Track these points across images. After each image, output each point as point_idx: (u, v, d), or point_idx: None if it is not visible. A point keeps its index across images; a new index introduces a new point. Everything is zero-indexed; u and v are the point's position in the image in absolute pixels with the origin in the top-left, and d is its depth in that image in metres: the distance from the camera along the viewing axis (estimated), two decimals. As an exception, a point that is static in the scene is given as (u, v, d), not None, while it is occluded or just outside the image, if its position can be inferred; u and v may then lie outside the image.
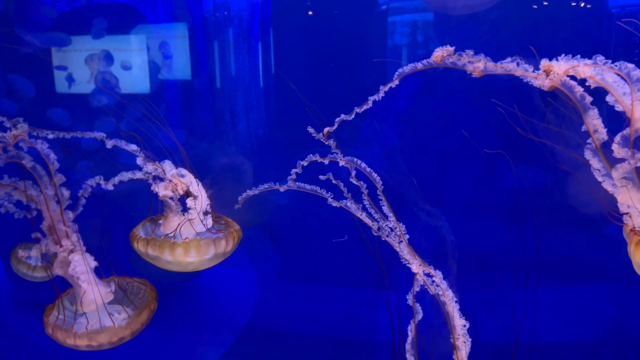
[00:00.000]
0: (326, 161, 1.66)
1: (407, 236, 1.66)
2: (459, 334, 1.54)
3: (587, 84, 1.28)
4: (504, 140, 2.18)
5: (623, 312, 2.38)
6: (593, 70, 1.24)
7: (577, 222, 2.25)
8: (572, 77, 1.31)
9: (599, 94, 1.35)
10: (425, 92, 2.21)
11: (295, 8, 2.32)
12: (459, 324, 1.54)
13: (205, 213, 1.94)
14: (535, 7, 1.95)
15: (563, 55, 1.26)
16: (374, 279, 2.50)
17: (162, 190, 1.85)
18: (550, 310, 2.24)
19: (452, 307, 1.57)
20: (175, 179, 1.88)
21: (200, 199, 1.90)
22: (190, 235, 1.86)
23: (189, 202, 1.86)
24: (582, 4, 2.02)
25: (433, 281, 1.61)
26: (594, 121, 1.32)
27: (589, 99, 1.33)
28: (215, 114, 2.51)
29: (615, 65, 1.23)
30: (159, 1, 2.48)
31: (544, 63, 1.26)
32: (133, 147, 1.89)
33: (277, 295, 2.68)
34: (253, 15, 2.38)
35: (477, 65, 1.31)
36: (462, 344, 1.56)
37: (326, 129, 1.56)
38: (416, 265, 1.61)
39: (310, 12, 2.27)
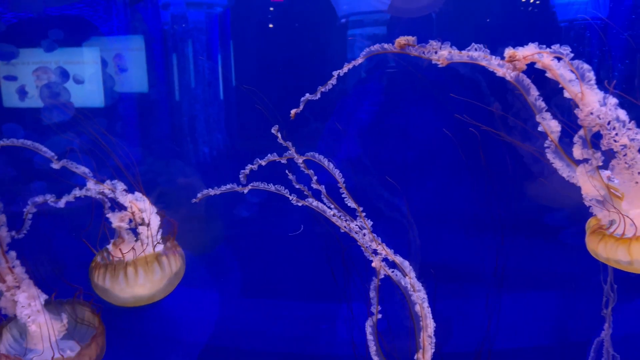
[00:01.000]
0: (284, 160, 1.66)
1: (371, 222, 1.65)
2: (429, 334, 1.55)
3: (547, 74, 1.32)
4: (466, 149, 2.23)
5: (576, 317, 2.45)
6: (554, 63, 1.28)
7: (538, 230, 2.32)
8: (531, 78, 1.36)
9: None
10: (386, 103, 2.25)
11: (256, 21, 2.32)
12: (430, 324, 1.55)
13: (157, 238, 1.91)
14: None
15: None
16: (337, 292, 2.50)
17: (116, 221, 1.82)
18: (511, 317, 2.28)
19: (421, 302, 1.58)
20: (131, 207, 1.85)
21: (153, 225, 1.89)
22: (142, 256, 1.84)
23: (141, 229, 1.84)
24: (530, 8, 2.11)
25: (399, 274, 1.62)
26: (549, 122, 1.38)
27: (542, 103, 1.38)
28: (174, 127, 2.47)
29: (573, 62, 1.28)
30: (114, 13, 2.42)
31: (509, 51, 1.30)
32: (83, 170, 1.83)
33: (239, 312, 2.63)
34: (212, 27, 2.36)
35: (442, 53, 1.34)
36: (429, 346, 1.57)
37: (293, 111, 1.56)
38: (377, 260, 1.61)
39: (270, 25, 2.27)
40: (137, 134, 2.53)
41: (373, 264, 1.63)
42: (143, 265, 1.76)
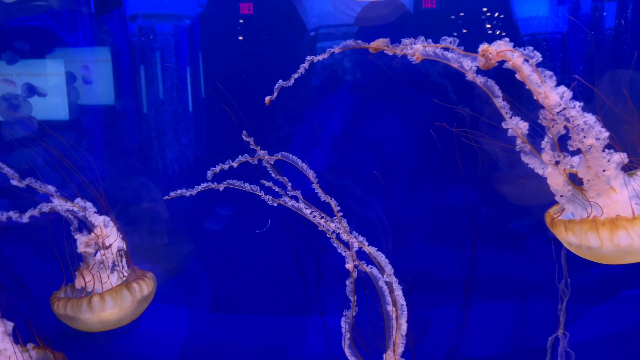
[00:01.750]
0: (254, 160, 1.66)
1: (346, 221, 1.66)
2: (401, 333, 1.57)
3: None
4: (435, 157, 2.27)
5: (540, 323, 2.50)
6: (525, 65, 1.36)
7: (505, 237, 2.37)
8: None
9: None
10: (357, 115, 2.27)
11: (225, 33, 2.32)
12: (404, 323, 1.58)
13: (122, 261, 1.88)
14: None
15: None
16: (306, 304, 2.49)
17: (82, 247, 1.79)
18: (477, 325, 2.31)
19: (397, 301, 1.60)
20: (98, 231, 1.82)
21: (119, 247, 1.86)
22: (106, 286, 1.81)
23: (107, 252, 1.81)
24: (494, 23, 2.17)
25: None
26: (519, 124, 1.45)
27: (508, 108, 1.45)
28: (141, 140, 2.43)
29: (541, 70, 1.37)
30: (79, 25, 2.38)
31: (483, 46, 1.37)
32: (50, 188, 1.80)
33: (208, 328, 2.59)
34: (181, 39, 2.35)
35: (417, 47, 1.40)
36: (401, 344, 1.60)
37: (267, 98, 1.58)
38: (351, 264, 1.63)
39: (240, 37, 2.28)
40: (103, 147, 2.48)
41: (347, 266, 1.64)
42: (111, 294, 1.73)
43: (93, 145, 2.47)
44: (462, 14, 1.43)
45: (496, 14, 2.14)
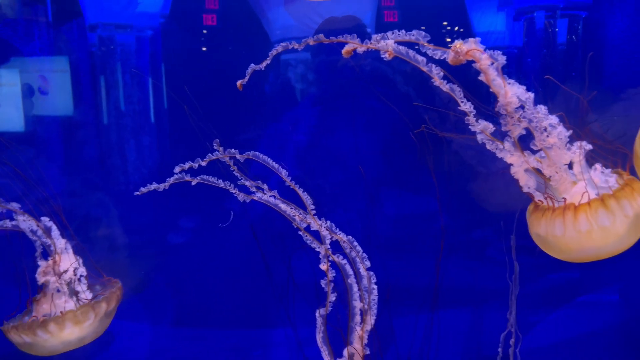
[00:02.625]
0: (227, 158, 1.65)
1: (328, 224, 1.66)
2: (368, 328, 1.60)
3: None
4: (404, 168, 2.31)
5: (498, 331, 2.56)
6: (491, 67, 1.42)
7: (466, 246, 2.41)
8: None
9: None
10: (322, 126, 2.29)
11: (188, 44, 2.30)
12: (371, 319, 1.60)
13: (80, 282, 1.84)
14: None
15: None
16: (270, 317, 2.47)
17: (41, 277, 1.75)
18: (436, 335, 2.34)
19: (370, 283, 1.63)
20: (55, 257, 1.78)
21: (76, 268, 1.82)
22: (69, 307, 1.77)
23: (64, 275, 1.77)
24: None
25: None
26: (485, 125, 1.52)
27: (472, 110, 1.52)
28: (101, 152, 2.38)
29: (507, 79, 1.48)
30: (36, 34, 2.32)
31: (457, 42, 1.44)
32: (14, 206, 1.75)
33: (171, 343, 2.54)
34: (142, 49, 2.32)
35: (388, 42, 1.44)
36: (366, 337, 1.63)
37: (239, 82, 1.58)
38: (325, 265, 1.64)
39: (204, 48, 2.27)
40: (61, 159, 2.42)
41: (321, 266, 1.66)
42: (71, 318, 1.69)
43: (50, 157, 2.40)
44: (423, 28, 1.48)
45: (456, 28, 2.21)
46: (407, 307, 2.40)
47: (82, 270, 1.86)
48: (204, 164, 1.69)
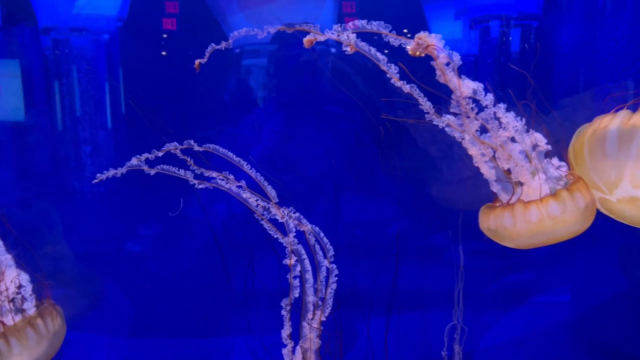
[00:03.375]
0: (178, 151, 1.62)
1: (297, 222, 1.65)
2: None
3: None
4: (364, 173, 2.33)
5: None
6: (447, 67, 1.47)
7: (426, 250, 2.45)
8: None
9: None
10: (287, 131, 2.29)
11: (147, 48, 2.26)
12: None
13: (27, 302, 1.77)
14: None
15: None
16: (232, 325, 2.45)
17: None
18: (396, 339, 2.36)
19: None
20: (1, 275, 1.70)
21: (21, 285, 1.75)
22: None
23: (5, 292, 1.70)
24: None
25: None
26: (451, 119, 1.58)
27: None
28: (55, 158, 2.30)
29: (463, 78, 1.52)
30: (-17, 37, 2.24)
31: (422, 33, 1.48)
32: None
33: (130, 354, 2.47)
34: (99, 54, 2.26)
35: (351, 37, 1.47)
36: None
37: (197, 61, 1.57)
38: (290, 260, 1.64)
39: (163, 53, 2.23)
40: (10, 166, 2.33)
41: (286, 261, 1.67)
42: (14, 334, 1.61)
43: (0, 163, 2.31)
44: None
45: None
46: (361, 309, 2.42)
47: (29, 286, 1.77)
48: (160, 154, 1.65)
